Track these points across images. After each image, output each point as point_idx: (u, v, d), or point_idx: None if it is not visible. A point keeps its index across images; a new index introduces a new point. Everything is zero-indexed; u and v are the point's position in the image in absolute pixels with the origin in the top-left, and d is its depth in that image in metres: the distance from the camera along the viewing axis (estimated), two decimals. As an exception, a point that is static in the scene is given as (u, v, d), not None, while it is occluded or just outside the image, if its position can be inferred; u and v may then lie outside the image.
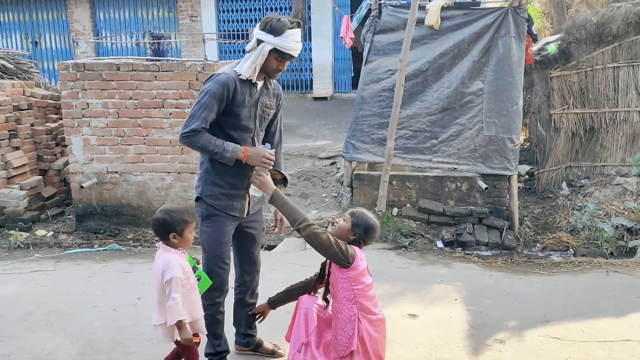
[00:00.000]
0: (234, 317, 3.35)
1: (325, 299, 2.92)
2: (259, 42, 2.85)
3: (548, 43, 7.53)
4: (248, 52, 2.90)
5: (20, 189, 6.61)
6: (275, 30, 2.80)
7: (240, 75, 2.87)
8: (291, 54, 2.86)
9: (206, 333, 3.04)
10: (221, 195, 2.99)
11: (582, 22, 7.02)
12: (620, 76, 6.91)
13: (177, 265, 2.73)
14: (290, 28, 2.82)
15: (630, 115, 6.90)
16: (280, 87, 3.23)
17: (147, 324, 3.90)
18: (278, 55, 2.85)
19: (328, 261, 2.84)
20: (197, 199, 3.05)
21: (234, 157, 2.85)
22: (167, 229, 2.76)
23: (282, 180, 3.21)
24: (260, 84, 3.00)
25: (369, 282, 2.80)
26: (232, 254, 3.20)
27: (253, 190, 2.99)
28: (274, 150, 3.02)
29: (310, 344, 2.84)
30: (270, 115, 3.15)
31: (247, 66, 2.87)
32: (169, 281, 2.69)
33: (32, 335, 3.76)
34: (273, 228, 3.40)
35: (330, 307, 2.89)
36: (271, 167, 2.93)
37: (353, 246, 2.78)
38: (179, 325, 2.72)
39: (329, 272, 2.82)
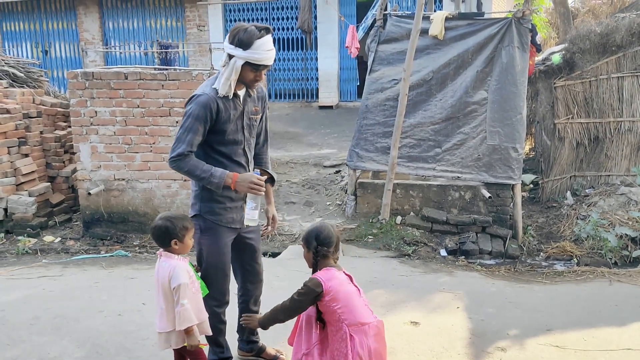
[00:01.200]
0: (238, 325, 3.37)
1: (319, 320, 2.87)
2: (230, 56, 2.77)
3: (553, 53, 7.57)
4: (222, 67, 2.82)
5: (29, 196, 6.70)
6: (243, 42, 2.71)
7: (218, 93, 2.81)
8: (265, 64, 2.79)
9: (206, 340, 3.09)
10: (220, 210, 2.96)
11: (586, 32, 7.06)
12: (624, 86, 6.93)
13: (183, 272, 2.77)
14: (259, 37, 2.72)
15: (635, 125, 6.91)
16: (264, 89, 3.17)
17: (152, 329, 3.94)
18: (251, 67, 2.78)
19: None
20: (195, 216, 3.00)
21: (222, 183, 2.79)
22: (169, 235, 2.78)
23: (268, 180, 3.17)
24: (242, 93, 2.93)
25: (352, 293, 2.75)
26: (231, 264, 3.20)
27: (248, 221, 2.93)
28: (264, 177, 2.95)
29: (313, 354, 2.84)
30: (258, 120, 3.10)
31: (222, 83, 2.80)
32: (177, 288, 2.73)
33: (39, 339, 3.81)
34: (266, 227, 3.30)
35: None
36: (262, 194, 2.85)
37: (320, 272, 2.74)
38: (188, 331, 2.77)
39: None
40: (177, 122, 6.24)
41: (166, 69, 6.57)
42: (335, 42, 13.33)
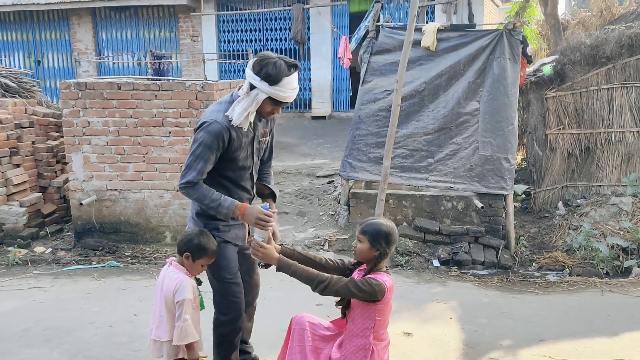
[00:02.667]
0: None
1: (343, 313, 2.81)
2: (252, 86, 2.67)
3: (544, 64, 7.64)
4: (240, 95, 2.72)
5: (20, 206, 6.65)
6: (271, 77, 2.61)
7: (232, 121, 2.72)
8: (287, 102, 2.73)
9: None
10: (225, 227, 2.96)
11: (577, 44, 7.13)
12: (614, 97, 7.01)
13: (189, 287, 2.78)
14: (288, 75, 2.63)
15: (625, 135, 6.98)
16: None
17: (144, 340, 3.91)
18: (273, 102, 2.71)
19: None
20: None
21: (230, 214, 2.76)
22: (188, 247, 2.78)
23: (270, 195, 3.16)
24: (253, 116, 2.84)
25: (390, 309, 2.72)
26: None
27: (257, 233, 2.79)
28: (274, 211, 2.90)
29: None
30: (267, 142, 3.08)
31: (238, 112, 2.70)
32: (181, 302, 2.73)
33: (29, 351, 3.77)
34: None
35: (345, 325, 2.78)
36: (269, 229, 2.76)
37: (383, 276, 2.64)
38: (190, 346, 2.77)
39: None
40: (170, 132, 6.24)
41: (159, 80, 6.56)
42: (328, 53, 13.40)
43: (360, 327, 2.67)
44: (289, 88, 2.66)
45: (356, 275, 2.74)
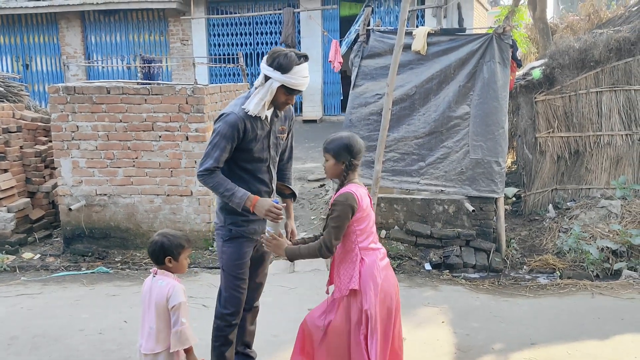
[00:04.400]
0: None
1: None
2: (267, 77, 2.89)
3: (533, 68, 7.68)
4: (256, 88, 2.95)
5: (8, 212, 6.58)
6: (282, 66, 2.84)
7: (248, 112, 2.91)
8: (299, 89, 2.92)
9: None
10: (243, 222, 3.08)
11: (565, 48, 7.18)
12: (603, 100, 7.06)
13: (182, 291, 2.76)
14: (298, 64, 2.86)
15: (614, 139, 7.03)
16: (291, 109, 3.27)
17: (134, 347, 3.87)
18: (286, 90, 2.91)
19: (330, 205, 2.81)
20: (220, 227, 3.12)
21: (242, 204, 2.90)
22: (165, 252, 2.76)
23: (290, 195, 3.33)
24: (269, 113, 3.04)
25: (372, 217, 2.79)
26: None
27: (268, 226, 2.97)
28: (284, 205, 3.07)
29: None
30: (285, 139, 3.24)
31: (255, 102, 2.91)
32: (177, 306, 2.69)
33: (18, 359, 3.72)
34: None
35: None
36: (279, 222, 2.92)
37: (350, 187, 2.71)
38: (189, 350, 2.74)
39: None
40: (160, 136, 6.20)
41: (149, 84, 6.53)
42: (318, 57, 13.40)
43: (345, 243, 2.75)
44: (300, 76, 2.87)
45: (333, 199, 2.83)
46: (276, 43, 13.59)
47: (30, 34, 14.83)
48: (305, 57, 2.91)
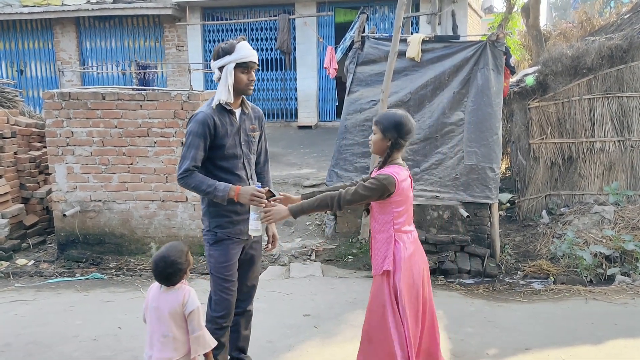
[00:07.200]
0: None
1: (366, 209, 2.91)
2: (221, 68, 3.05)
3: (526, 75, 7.74)
4: (217, 82, 3.09)
5: (2, 218, 6.55)
6: (227, 50, 3.01)
7: (219, 103, 3.03)
8: (252, 61, 3.04)
9: None
10: (228, 224, 3.12)
11: (558, 55, 7.25)
12: (595, 107, 7.12)
13: (195, 295, 2.74)
14: (238, 42, 3.03)
15: (607, 145, 7.08)
16: (260, 110, 3.38)
17: (128, 354, 3.87)
18: (242, 67, 3.03)
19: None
20: (206, 232, 3.16)
21: (226, 196, 2.95)
22: (181, 274, 2.73)
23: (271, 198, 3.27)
24: (238, 111, 3.15)
25: (411, 199, 2.78)
26: None
27: (252, 231, 3.01)
28: (265, 188, 3.13)
29: None
30: (257, 138, 3.29)
31: (221, 90, 3.04)
32: (195, 311, 2.67)
33: (10, 366, 3.70)
34: (266, 245, 3.48)
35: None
36: (263, 205, 2.96)
37: (394, 169, 2.68)
38: (208, 354, 2.73)
39: None
40: (155, 142, 6.20)
41: (144, 90, 6.53)
42: (314, 63, 13.44)
43: (381, 222, 2.74)
44: (245, 49, 3.02)
45: (374, 174, 2.80)
46: (271, 49, 13.63)
47: (25, 39, 14.80)
48: (242, 38, 3.08)
